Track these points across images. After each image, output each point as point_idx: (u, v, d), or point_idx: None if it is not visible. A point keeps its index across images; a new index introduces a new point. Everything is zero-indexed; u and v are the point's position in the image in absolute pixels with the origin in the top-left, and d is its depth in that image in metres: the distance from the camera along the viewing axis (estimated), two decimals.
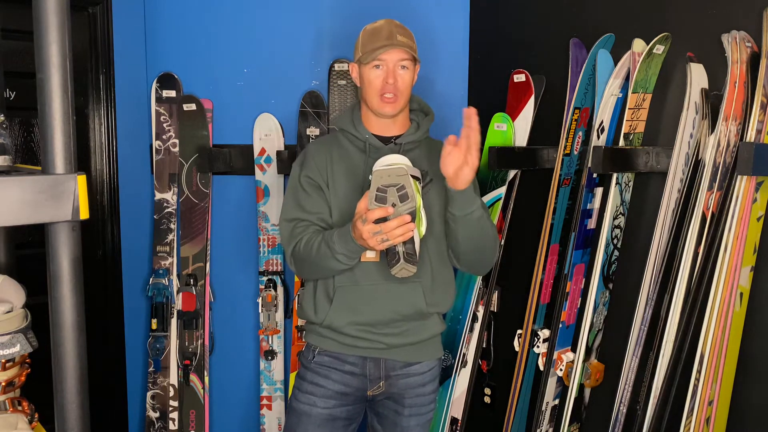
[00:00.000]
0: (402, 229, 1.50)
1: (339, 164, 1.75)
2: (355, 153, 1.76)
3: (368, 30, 1.73)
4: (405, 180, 1.50)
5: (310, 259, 1.66)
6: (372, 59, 1.67)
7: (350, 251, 1.59)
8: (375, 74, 1.69)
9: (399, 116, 1.76)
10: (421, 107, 1.86)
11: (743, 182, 1.64)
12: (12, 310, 1.16)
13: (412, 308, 1.72)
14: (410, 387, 1.76)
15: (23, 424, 1.16)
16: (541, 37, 2.30)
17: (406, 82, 1.70)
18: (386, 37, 1.67)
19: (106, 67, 2.48)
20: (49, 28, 0.91)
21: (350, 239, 1.57)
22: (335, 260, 1.61)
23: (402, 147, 1.75)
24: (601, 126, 2.00)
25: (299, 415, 1.75)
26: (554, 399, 2.24)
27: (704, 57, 1.81)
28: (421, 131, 1.79)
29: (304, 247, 1.67)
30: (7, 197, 0.90)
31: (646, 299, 1.90)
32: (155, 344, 2.56)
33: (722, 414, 1.80)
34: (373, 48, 1.67)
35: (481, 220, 1.67)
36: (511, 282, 2.37)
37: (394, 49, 1.67)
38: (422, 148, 1.80)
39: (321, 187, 1.73)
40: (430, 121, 1.82)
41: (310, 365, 1.77)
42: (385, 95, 1.68)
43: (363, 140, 1.75)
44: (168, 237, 2.57)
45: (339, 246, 1.59)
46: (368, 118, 1.77)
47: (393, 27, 1.70)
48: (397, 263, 1.57)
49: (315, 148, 1.80)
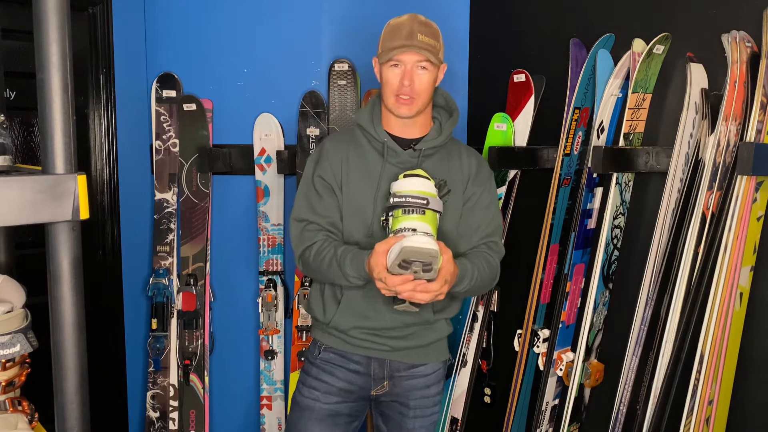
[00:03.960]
0: (409, 291, 1.49)
1: (355, 165, 1.69)
2: (371, 154, 1.70)
3: (391, 26, 1.64)
4: (435, 262, 1.44)
5: (319, 270, 1.65)
6: (389, 59, 1.60)
7: (362, 278, 1.58)
8: (393, 73, 1.61)
9: (419, 117, 1.67)
10: (447, 104, 1.76)
11: (743, 182, 1.64)
12: (12, 310, 1.15)
13: (420, 317, 1.69)
14: (415, 388, 1.75)
15: (23, 424, 1.16)
16: (541, 37, 2.30)
17: (423, 84, 1.61)
18: (406, 36, 1.58)
19: (106, 67, 2.48)
20: (49, 28, 0.91)
21: (362, 268, 1.55)
22: (345, 280, 1.61)
23: (421, 153, 1.68)
24: (601, 126, 2.00)
25: (302, 410, 1.75)
26: (554, 399, 2.24)
27: (704, 57, 1.81)
28: (443, 136, 1.69)
29: (314, 257, 1.64)
30: (7, 197, 0.90)
31: (646, 299, 1.90)
32: (155, 344, 2.56)
33: (722, 414, 1.80)
34: (391, 47, 1.59)
35: (473, 286, 1.64)
36: (511, 282, 2.37)
37: (412, 51, 1.59)
38: (443, 152, 1.72)
39: (333, 189, 1.68)
40: (454, 123, 1.72)
41: (315, 361, 1.76)
42: (401, 96, 1.61)
43: (381, 142, 1.68)
44: (168, 237, 2.57)
45: (351, 270, 1.58)
46: (387, 117, 1.69)
47: (415, 25, 1.60)
48: (401, 302, 1.55)
49: (331, 146, 1.73)
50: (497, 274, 1.72)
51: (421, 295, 1.50)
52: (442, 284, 1.50)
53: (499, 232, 1.76)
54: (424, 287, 1.48)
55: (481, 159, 1.79)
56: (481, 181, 1.74)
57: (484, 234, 1.71)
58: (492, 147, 2.18)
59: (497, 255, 1.73)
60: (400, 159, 1.68)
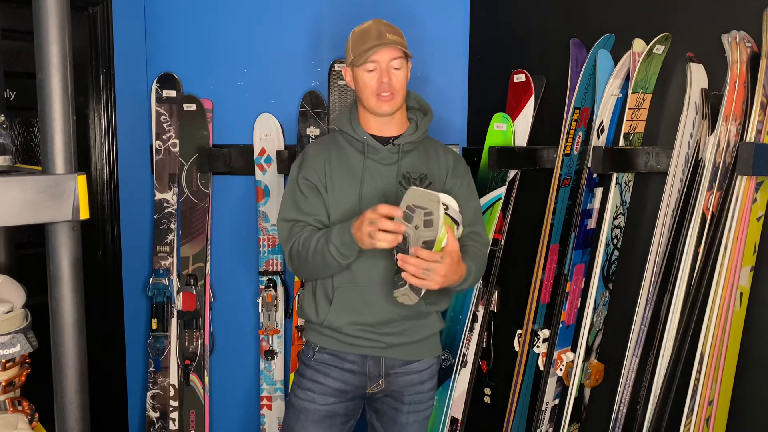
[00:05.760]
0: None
1: (337, 165, 1.75)
2: (353, 154, 1.77)
3: (357, 32, 1.73)
4: (435, 208, 1.49)
5: (306, 255, 1.67)
6: (364, 61, 1.67)
7: (343, 244, 1.59)
8: (369, 76, 1.69)
9: (396, 115, 1.76)
10: (420, 106, 1.85)
11: (743, 182, 1.64)
12: (12, 310, 1.15)
13: (412, 308, 1.72)
14: (409, 384, 1.77)
15: (23, 424, 1.16)
16: (541, 37, 2.29)
17: (400, 80, 1.70)
18: (376, 37, 1.67)
19: (106, 67, 2.48)
20: (49, 28, 0.91)
21: (347, 231, 1.58)
22: (329, 253, 1.61)
23: (400, 148, 1.75)
24: (601, 126, 2.00)
25: (297, 412, 1.76)
26: (554, 399, 2.24)
27: (704, 57, 1.81)
28: (420, 131, 1.79)
29: (302, 244, 1.68)
30: (8, 197, 0.90)
31: (646, 299, 1.90)
32: (155, 344, 2.56)
33: (722, 414, 1.80)
34: (364, 49, 1.67)
35: (472, 282, 1.71)
36: (511, 282, 2.37)
37: (385, 48, 1.67)
38: (420, 149, 1.80)
39: (318, 189, 1.74)
40: (429, 121, 1.82)
41: (310, 363, 1.77)
42: (382, 94, 1.69)
43: (361, 141, 1.75)
44: (168, 237, 2.57)
45: (335, 237, 1.60)
46: (366, 118, 1.77)
47: (381, 26, 1.70)
48: (402, 287, 1.57)
49: (313, 149, 1.81)
50: (485, 263, 1.80)
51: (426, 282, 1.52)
52: (448, 267, 1.53)
53: (481, 222, 1.83)
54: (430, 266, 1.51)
55: (458, 155, 1.87)
56: (459, 174, 1.81)
57: (466, 225, 1.74)
58: (492, 147, 2.18)
59: (484, 246, 1.80)
60: (381, 155, 1.75)
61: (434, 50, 2.43)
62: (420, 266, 1.51)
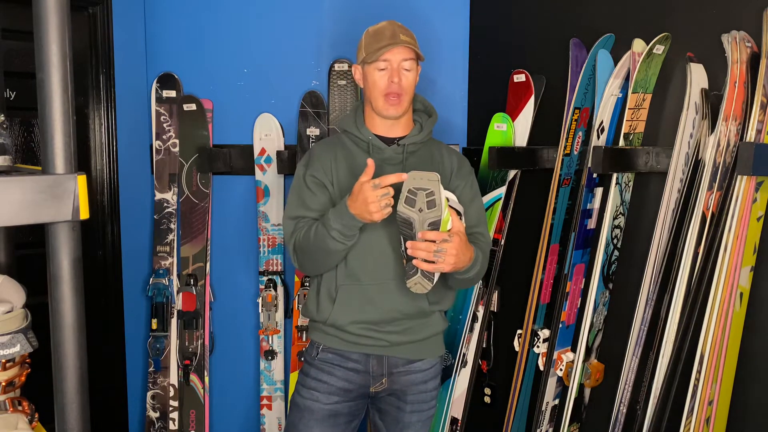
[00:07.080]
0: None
1: (343, 164, 1.76)
2: (358, 153, 1.77)
3: (371, 31, 1.75)
4: (435, 187, 1.51)
5: (309, 246, 1.67)
6: (376, 58, 1.68)
7: (344, 226, 1.60)
8: (379, 75, 1.70)
9: (402, 117, 1.77)
10: (425, 108, 1.87)
11: (743, 182, 1.64)
12: (12, 310, 1.15)
13: (415, 307, 1.73)
14: (412, 384, 1.77)
15: (23, 424, 1.16)
16: (541, 37, 2.29)
17: (410, 82, 1.72)
18: (390, 36, 1.69)
19: (106, 67, 2.48)
20: (49, 28, 0.91)
21: (346, 213, 1.59)
22: (331, 238, 1.62)
23: (405, 148, 1.76)
24: (601, 126, 2.00)
25: (302, 411, 1.76)
26: (554, 399, 2.24)
27: (704, 57, 1.81)
28: (425, 133, 1.80)
29: (304, 235, 1.69)
30: (7, 197, 0.90)
31: (646, 299, 1.90)
32: (155, 344, 2.56)
33: (722, 414, 1.80)
34: (377, 47, 1.68)
35: (477, 273, 1.71)
36: (511, 282, 2.37)
37: (398, 48, 1.69)
38: (425, 150, 1.81)
39: (326, 185, 1.75)
40: (434, 123, 1.83)
41: (313, 362, 1.78)
42: (390, 96, 1.70)
43: (366, 141, 1.76)
44: (168, 237, 2.57)
45: (334, 221, 1.61)
46: (372, 119, 1.78)
47: (395, 27, 1.72)
48: (414, 275, 1.58)
49: (319, 148, 1.82)
50: (487, 264, 1.80)
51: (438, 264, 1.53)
52: (458, 246, 1.54)
53: (484, 223, 1.83)
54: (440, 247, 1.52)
55: (462, 156, 1.88)
56: (464, 175, 1.82)
57: (470, 225, 1.75)
58: (492, 147, 2.18)
59: (486, 246, 1.80)
60: (386, 155, 1.75)
61: (434, 50, 2.43)
62: (430, 249, 1.52)
